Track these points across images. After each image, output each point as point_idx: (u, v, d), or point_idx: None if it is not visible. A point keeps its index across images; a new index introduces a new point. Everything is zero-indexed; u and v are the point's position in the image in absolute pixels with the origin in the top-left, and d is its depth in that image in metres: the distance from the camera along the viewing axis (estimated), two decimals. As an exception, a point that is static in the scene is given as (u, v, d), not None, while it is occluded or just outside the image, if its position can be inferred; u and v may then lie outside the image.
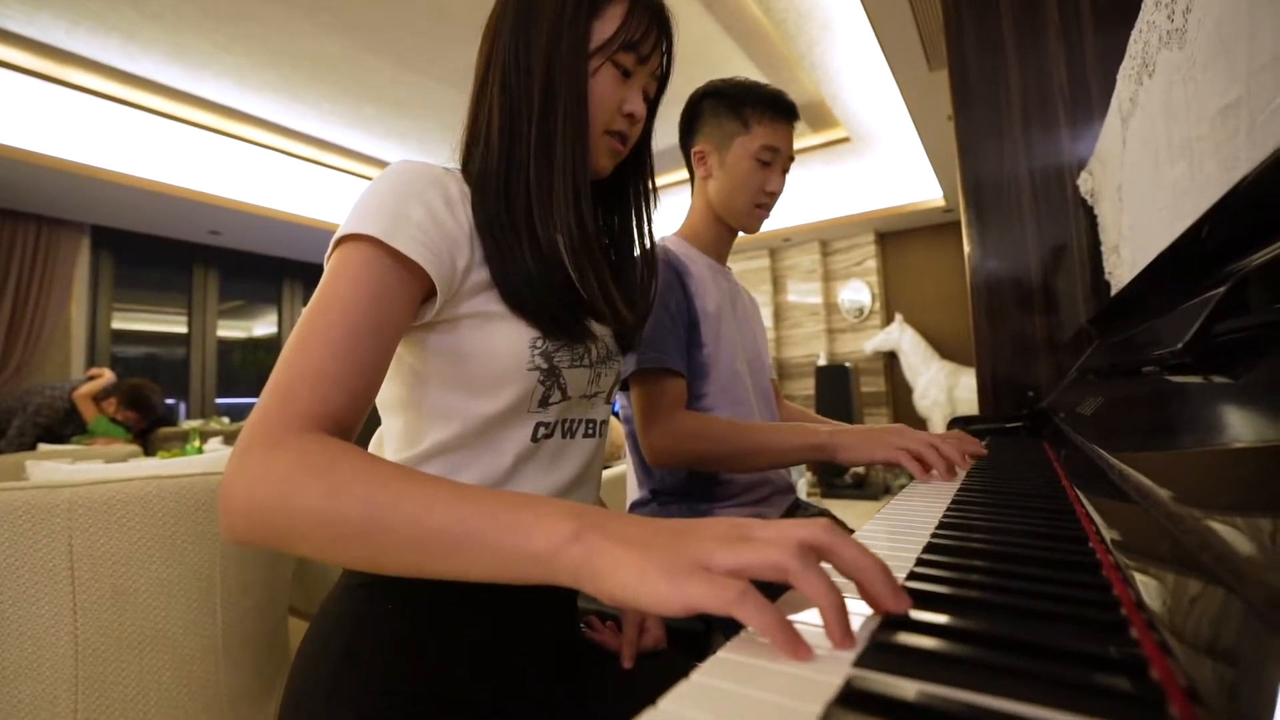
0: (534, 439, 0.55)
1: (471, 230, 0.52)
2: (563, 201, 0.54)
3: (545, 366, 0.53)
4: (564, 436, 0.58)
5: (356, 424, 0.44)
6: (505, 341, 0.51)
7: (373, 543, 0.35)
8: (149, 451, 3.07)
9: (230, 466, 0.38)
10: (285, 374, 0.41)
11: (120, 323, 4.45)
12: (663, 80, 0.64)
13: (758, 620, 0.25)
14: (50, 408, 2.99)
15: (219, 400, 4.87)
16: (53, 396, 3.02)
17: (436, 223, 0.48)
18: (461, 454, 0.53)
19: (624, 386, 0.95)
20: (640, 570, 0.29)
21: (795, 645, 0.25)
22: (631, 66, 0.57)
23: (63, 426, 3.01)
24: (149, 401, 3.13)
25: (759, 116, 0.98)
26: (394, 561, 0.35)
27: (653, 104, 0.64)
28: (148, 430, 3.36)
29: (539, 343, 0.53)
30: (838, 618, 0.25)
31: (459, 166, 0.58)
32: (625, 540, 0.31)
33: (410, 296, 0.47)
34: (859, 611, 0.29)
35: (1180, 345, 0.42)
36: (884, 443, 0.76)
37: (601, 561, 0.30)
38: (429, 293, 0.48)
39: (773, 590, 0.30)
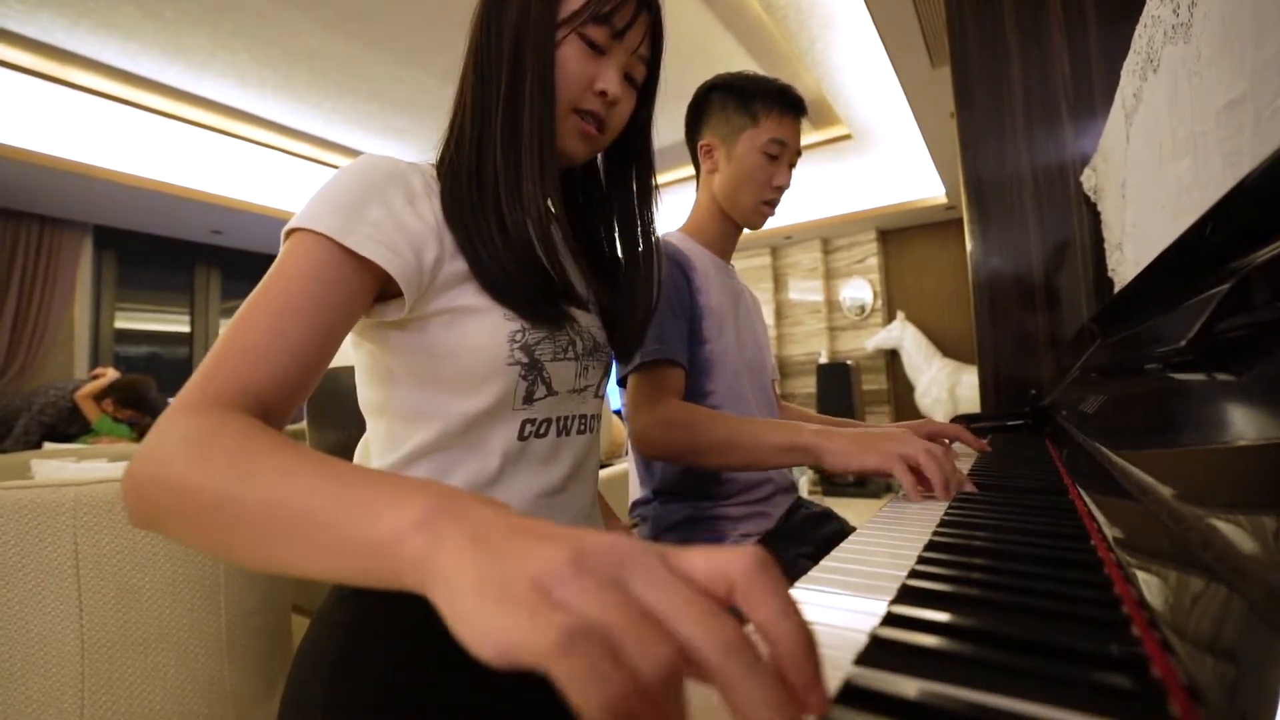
0: (520, 437, 0.54)
1: (439, 223, 0.51)
2: (530, 180, 0.52)
3: (526, 361, 0.52)
4: (559, 434, 0.57)
5: (285, 407, 0.41)
6: (482, 337, 0.50)
7: (221, 522, 0.30)
8: (152, 450, 3.09)
9: (143, 441, 0.36)
10: (216, 350, 0.40)
11: (123, 322, 4.46)
12: (652, 64, 0.61)
13: (580, 693, 0.16)
14: (54, 407, 3.01)
15: (222, 399, 4.88)
16: (57, 396, 3.04)
17: (396, 220, 0.47)
18: (446, 455, 0.52)
19: (626, 384, 0.95)
20: (475, 588, 0.20)
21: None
22: (604, 42, 0.55)
23: (67, 426, 3.03)
24: (145, 397, 3.13)
25: (767, 110, 0.97)
26: (237, 548, 0.30)
27: (644, 91, 0.62)
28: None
29: (519, 336, 0.52)
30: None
31: (435, 161, 0.57)
32: (479, 537, 0.22)
33: (360, 291, 0.45)
34: (863, 610, 0.29)
35: (1183, 343, 0.42)
36: (876, 449, 0.67)
37: (441, 562, 0.22)
38: (393, 291, 0.47)
39: None
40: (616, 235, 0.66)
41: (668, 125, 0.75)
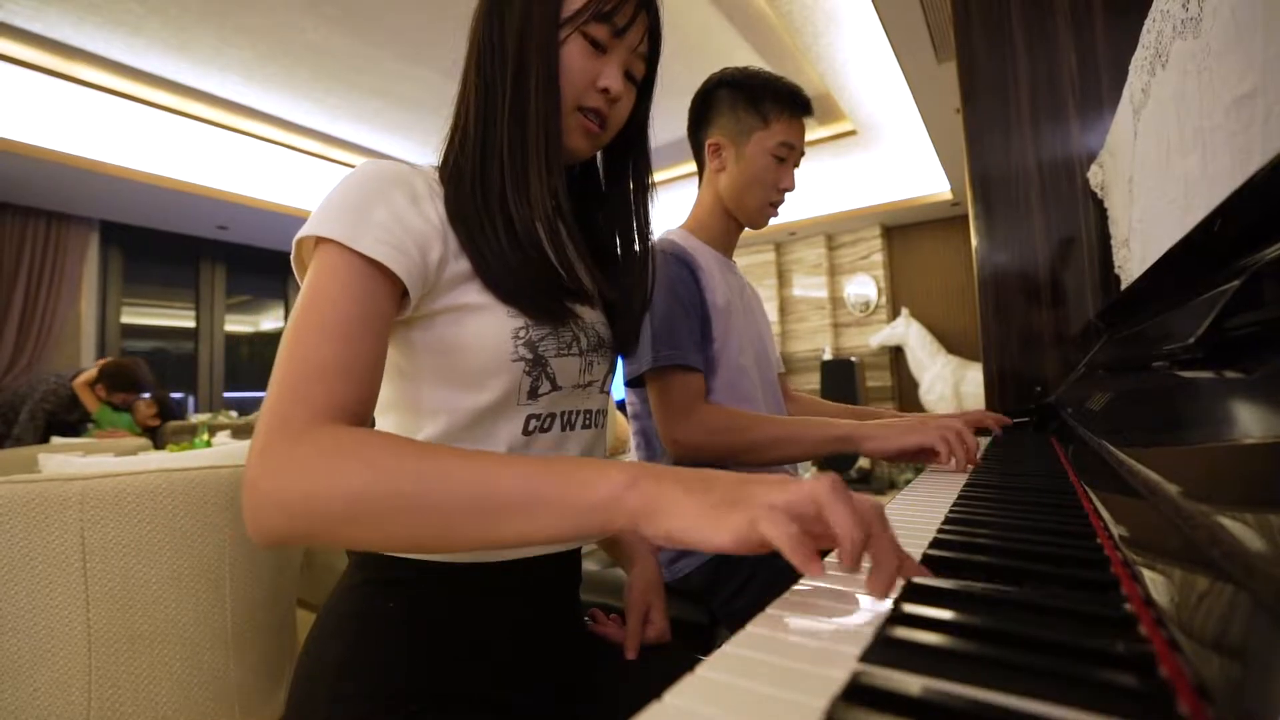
0: (525, 432, 0.54)
1: (443, 223, 0.51)
2: (537, 177, 0.53)
3: (530, 357, 0.53)
4: (563, 429, 0.57)
5: (368, 416, 0.44)
6: (486, 334, 0.51)
7: (428, 515, 0.36)
8: (158, 445, 3.11)
9: (253, 468, 0.38)
10: (291, 370, 0.41)
11: (129, 317, 4.49)
12: (651, 62, 0.61)
13: (776, 533, 0.29)
14: (55, 395, 3.06)
15: (227, 394, 4.91)
16: (57, 384, 3.10)
17: (400, 221, 0.48)
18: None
19: (636, 383, 0.95)
20: (697, 512, 0.32)
21: (808, 561, 0.29)
22: (605, 40, 0.55)
23: (67, 413, 3.07)
24: (135, 378, 3.14)
25: (779, 112, 0.97)
26: (452, 533, 0.36)
27: (643, 89, 0.62)
28: (159, 424, 3.40)
29: (522, 332, 0.52)
30: (852, 547, 0.30)
31: (438, 164, 0.58)
32: (681, 484, 0.34)
33: (388, 295, 0.47)
34: (868, 607, 0.29)
35: (1192, 340, 0.41)
36: (912, 428, 0.76)
37: (660, 504, 0.34)
38: (402, 290, 0.48)
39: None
40: (618, 230, 0.66)
41: (670, 121, 0.75)
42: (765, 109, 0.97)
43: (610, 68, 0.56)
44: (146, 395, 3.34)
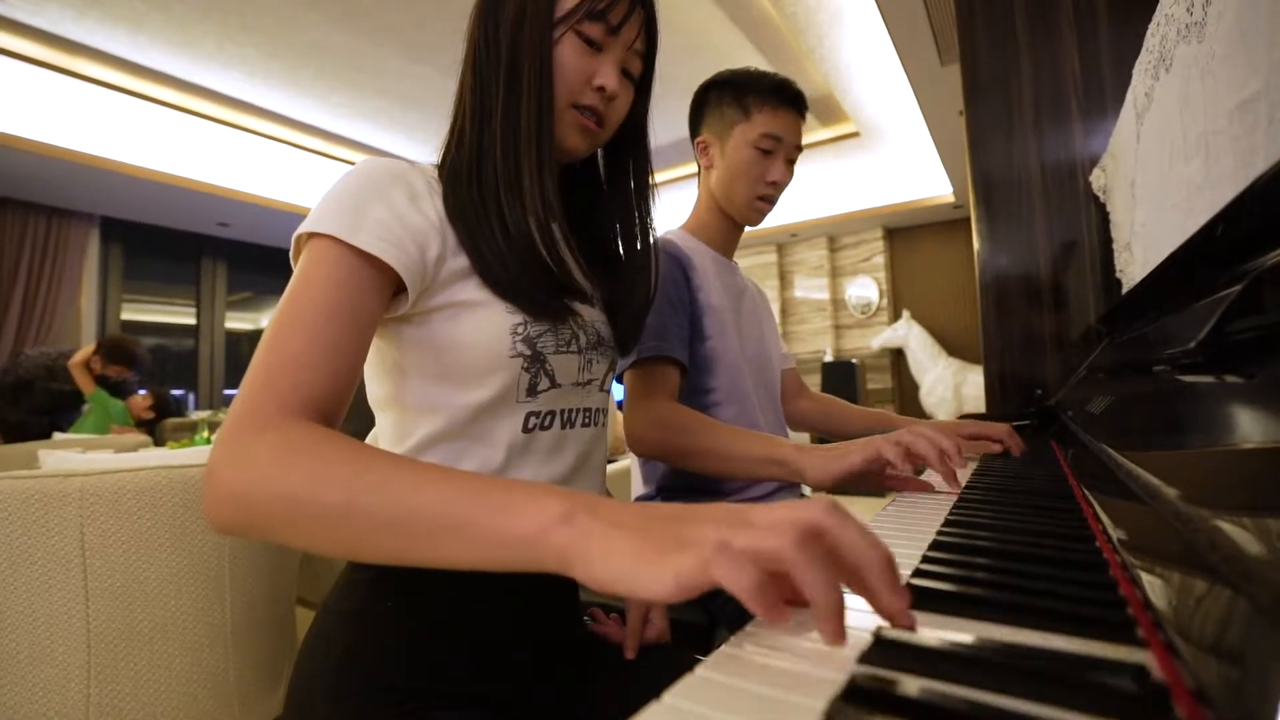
0: (525, 429, 0.54)
1: (442, 220, 0.52)
2: (530, 178, 0.53)
3: (529, 353, 0.53)
4: (563, 427, 0.57)
5: (339, 410, 0.44)
6: (484, 330, 0.51)
7: (353, 527, 0.34)
8: (158, 442, 3.11)
9: (214, 454, 0.38)
10: (265, 362, 0.41)
11: (129, 314, 4.49)
12: (648, 60, 0.62)
13: (733, 580, 0.24)
14: (32, 362, 3.05)
15: (227, 391, 4.91)
16: (41, 353, 3.10)
17: (399, 217, 0.48)
18: (453, 446, 0.53)
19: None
20: (634, 554, 0.27)
21: (771, 610, 0.24)
22: (600, 38, 0.55)
23: (47, 380, 3.05)
24: (133, 353, 3.12)
25: (760, 104, 0.97)
26: (375, 547, 0.34)
27: (641, 86, 0.62)
28: (154, 418, 3.40)
29: (521, 328, 0.52)
30: (830, 618, 0.24)
31: (438, 163, 0.58)
32: (619, 524, 0.29)
33: (378, 290, 0.47)
34: (860, 608, 0.29)
35: (1193, 344, 0.42)
36: (859, 447, 0.64)
37: (592, 544, 0.29)
38: (399, 286, 0.48)
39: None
40: (617, 230, 0.66)
41: (673, 121, 0.75)
42: (747, 102, 0.97)
43: (606, 66, 0.56)
44: (143, 392, 3.34)
